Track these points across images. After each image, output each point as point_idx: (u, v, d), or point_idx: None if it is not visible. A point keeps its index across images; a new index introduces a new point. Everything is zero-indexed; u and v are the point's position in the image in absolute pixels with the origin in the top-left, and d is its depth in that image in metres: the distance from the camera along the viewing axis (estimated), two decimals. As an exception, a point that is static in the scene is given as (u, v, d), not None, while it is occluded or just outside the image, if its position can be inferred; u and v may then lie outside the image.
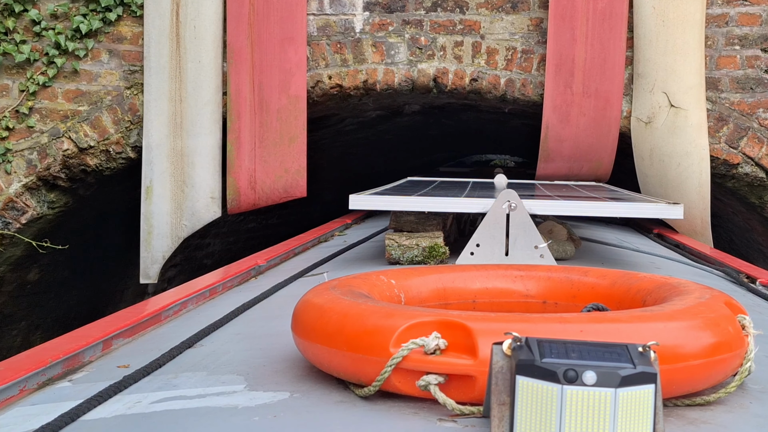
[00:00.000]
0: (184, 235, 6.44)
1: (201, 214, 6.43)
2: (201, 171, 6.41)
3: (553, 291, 2.58)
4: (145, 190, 6.45)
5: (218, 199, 6.45)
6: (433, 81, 6.54)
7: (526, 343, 1.51)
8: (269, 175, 6.43)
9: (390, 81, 6.55)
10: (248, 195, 6.46)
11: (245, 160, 6.43)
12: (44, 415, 1.88)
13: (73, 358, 2.41)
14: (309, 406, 1.89)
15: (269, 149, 6.42)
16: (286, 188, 6.47)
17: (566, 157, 6.53)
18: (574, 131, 6.38)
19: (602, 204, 4.26)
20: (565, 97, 6.32)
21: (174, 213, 6.41)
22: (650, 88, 6.25)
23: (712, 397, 1.92)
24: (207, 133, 6.40)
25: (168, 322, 3.07)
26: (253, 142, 6.41)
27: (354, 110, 7.54)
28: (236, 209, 6.53)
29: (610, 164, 6.61)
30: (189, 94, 6.40)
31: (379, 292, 2.32)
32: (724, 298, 2.10)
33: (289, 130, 6.42)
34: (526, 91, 6.48)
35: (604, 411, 1.41)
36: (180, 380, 2.15)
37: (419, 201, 4.20)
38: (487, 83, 6.49)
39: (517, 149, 13.94)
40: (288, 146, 6.43)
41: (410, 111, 8.11)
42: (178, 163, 6.40)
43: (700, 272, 4.34)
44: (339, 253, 4.82)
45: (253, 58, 6.41)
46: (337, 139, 9.00)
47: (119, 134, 6.60)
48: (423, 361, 1.79)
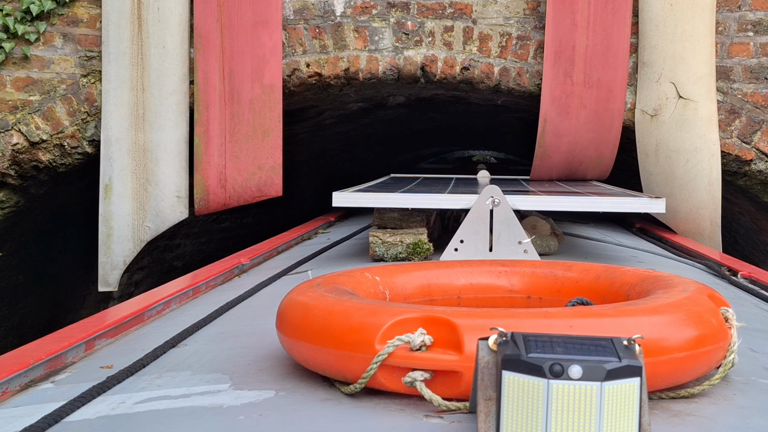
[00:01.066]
0: (148, 238, 5.95)
1: (166, 214, 5.92)
2: (166, 167, 5.91)
3: (538, 286, 2.58)
4: (104, 188, 5.94)
5: (185, 198, 5.98)
6: (420, 70, 6.08)
7: (511, 338, 1.51)
8: (241, 172, 5.94)
9: (374, 69, 6.08)
10: (218, 194, 5.98)
11: (214, 156, 5.94)
12: (27, 416, 1.86)
13: (56, 359, 2.39)
14: (295, 404, 1.88)
15: (241, 144, 5.93)
16: (259, 187, 5.98)
17: (564, 153, 6.07)
18: (574, 125, 5.93)
19: (585, 199, 4.28)
20: (565, 88, 5.87)
21: (136, 214, 5.92)
22: (657, 78, 5.83)
23: (697, 389, 1.93)
24: (172, 125, 5.90)
25: (151, 322, 3.05)
26: (223, 136, 5.92)
27: (334, 102, 7.04)
28: (205, 210, 6.05)
29: (611, 161, 6.20)
30: (152, 83, 5.89)
31: (363, 289, 2.32)
32: (707, 291, 2.11)
33: (262, 123, 5.92)
34: (522, 81, 6.03)
35: (590, 405, 1.41)
36: (164, 380, 2.14)
37: (403, 198, 4.21)
38: (480, 72, 6.03)
39: (507, 145, 13.50)
40: (262, 140, 5.93)
41: (394, 103, 7.58)
42: (141, 158, 5.90)
43: (682, 266, 4.37)
44: (323, 251, 4.81)
45: (223, 43, 5.92)
46: (316, 133, 8.45)
47: (75, 127, 6.07)
48: (409, 357, 1.79)
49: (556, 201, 4.24)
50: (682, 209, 5.86)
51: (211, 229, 8.62)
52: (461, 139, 13.03)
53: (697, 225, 5.88)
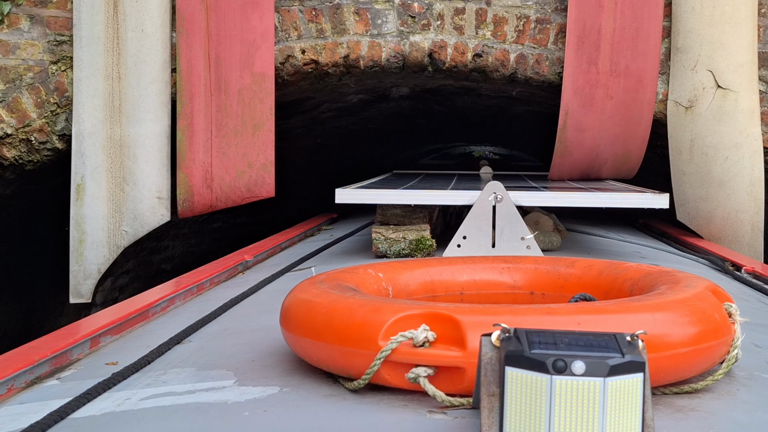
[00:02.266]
0: (125, 243, 5.37)
1: (145, 217, 5.36)
2: (145, 165, 5.35)
3: (540, 282, 2.59)
4: (76, 188, 5.36)
5: (166, 199, 5.43)
6: (428, 57, 5.49)
7: (514, 334, 1.52)
8: (229, 170, 5.42)
9: (376, 56, 5.50)
10: (203, 195, 5.43)
11: (199, 153, 5.40)
12: (33, 413, 1.87)
13: (61, 356, 2.40)
14: (299, 400, 1.89)
15: (229, 139, 5.40)
16: (249, 186, 5.43)
17: (587, 150, 5.51)
18: (598, 118, 5.38)
19: (588, 195, 4.28)
20: (589, 77, 5.31)
21: (112, 217, 5.34)
22: (692, 66, 5.27)
23: (700, 384, 1.94)
24: (152, 118, 5.36)
25: (155, 319, 3.06)
26: (209, 130, 5.39)
27: (332, 93, 6.43)
28: (189, 212, 5.49)
29: (639, 158, 5.62)
30: (129, 71, 5.33)
31: (366, 285, 2.33)
32: (710, 286, 2.12)
33: (253, 116, 5.39)
34: (541, 70, 5.45)
35: (593, 400, 1.42)
36: (169, 376, 2.15)
37: (405, 194, 4.21)
38: (494, 60, 5.44)
39: (516, 141, 12.84)
40: (252, 135, 5.39)
41: (398, 95, 6.97)
42: (117, 155, 5.34)
43: (685, 261, 4.37)
44: (326, 248, 4.82)
45: (209, 26, 5.35)
46: (313, 128, 7.86)
47: (43, 120, 5.46)
48: (412, 353, 1.79)
49: (558, 197, 4.25)
50: (718, 213, 5.32)
51: (203, 230, 8.04)
52: (466, 134, 12.34)
53: (735, 230, 5.28)
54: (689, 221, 5.40)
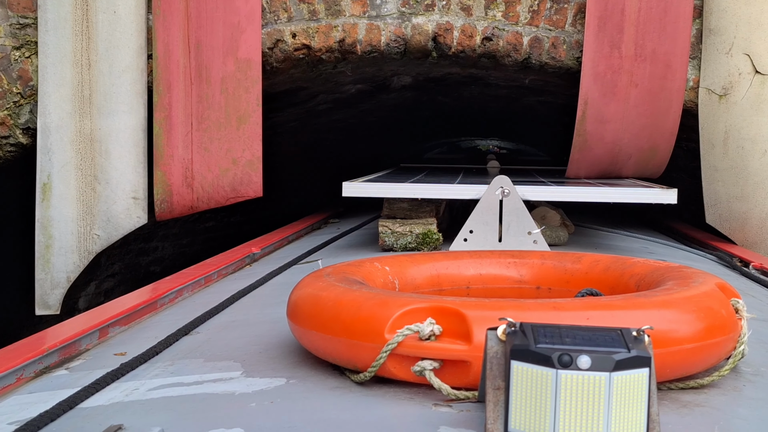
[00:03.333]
0: (97, 249, 4.87)
1: (119, 220, 4.85)
2: (118, 162, 4.85)
3: (547, 276, 2.59)
4: (42, 188, 4.84)
5: (143, 200, 4.92)
6: (432, 41, 4.98)
7: (520, 328, 1.52)
8: (212, 167, 4.91)
9: (374, 41, 4.97)
10: (183, 195, 4.94)
11: (179, 148, 4.90)
12: (42, 403, 1.89)
13: (70, 346, 2.41)
14: (305, 392, 1.90)
15: (211, 133, 4.90)
16: (234, 185, 4.92)
17: (609, 144, 4.98)
18: (621, 108, 4.87)
19: (596, 189, 4.28)
20: (611, 62, 4.81)
21: (82, 219, 4.84)
22: (727, 49, 4.76)
23: (706, 380, 1.94)
24: (126, 110, 4.85)
25: (164, 310, 3.08)
26: (188, 123, 4.90)
27: (327, 82, 5.85)
28: (167, 214, 5.00)
29: (666, 154, 5.08)
30: (101, 57, 4.82)
31: (373, 279, 2.33)
32: (717, 282, 2.12)
33: (238, 107, 4.88)
34: (558, 54, 4.93)
35: (599, 395, 1.42)
36: (177, 367, 2.16)
37: (412, 188, 4.22)
38: (505, 43, 4.92)
39: (525, 135, 11.96)
40: (237, 128, 4.89)
41: (399, 85, 6.38)
42: (87, 151, 4.84)
43: (693, 257, 4.37)
44: (332, 241, 4.84)
45: (188, 7, 4.86)
46: (309, 121, 7.24)
47: (5, 112, 4.97)
48: (418, 346, 1.80)
49: (566, 191, 4.24)
50: (754, 214, 4.83)
51: (194, 229, 7.52)
52: (473, 128, 11.73)
53: None
54: (720, 224, 4.90)
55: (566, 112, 5.50)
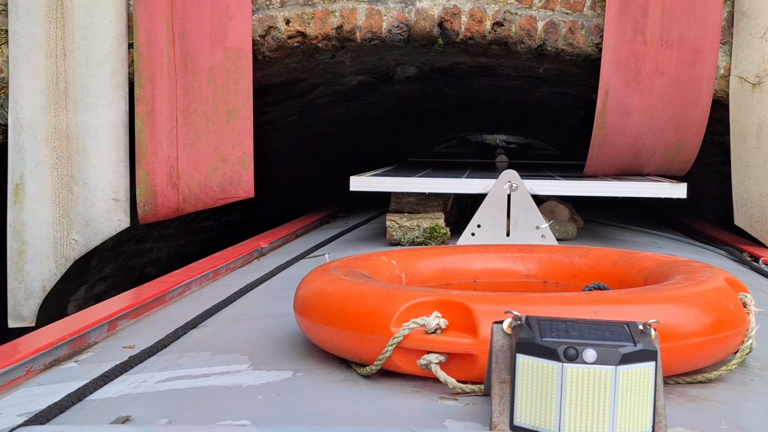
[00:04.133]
0: (75, 255, 4.44)
1: (99, 224, 4.41)
2: (97, 161, 4.42)
3: (554, 271, 2.59)
4: (14, 189, 4.42)
5: (125, 201, 4.49)
6: (438, 27, 4.55)
7: (526, 321, 1.53)
8: (199, 166, 4.50)
9: (375, 27, 4.55)
10: (168, 196, 4.52)
11: (162, 145, 4.49)
12: (51, 395, 1.90)
13: (79, 339, 2.43)
14: (312, 384, 1.91)
15: (198, 128, 4.48)
16: (223, 185, 4.50)
17: (632, 138, 4.58)
18: (645, 98, 4.45)
19: (604, 184, 4.26)
20: (635, 48, 4.40)
21: (58, 223, 4.40)
22: (761, 33, 4.38)
23: (714, 374, 1.94)
24: (105, 104, 4.42)
25: (172, 303, 3.09)
26: (173, 118, 4.48)
27: (326, 73, 5.40)
28: (151, 217, 4.58)
29: (694, 149, 4.65)
30: (77, 47, 4.40)
31: (380, 272, 2.34)
32: (725, 276, 2.11)
33: (227, 99, 4.47)
34: (576, 40, 4.52)
35: (605, 388, 1.42)
36: (185, 360, 2.17)
37: (420, 182, 4.22)
38: (518, 29, 4.51)
39: (536, 129, 11.42)
40: (226, 123, 4.48)
41: (403, 76, 5.89)
42: (63, 149, 4.40)
43: (702, 251, 4.35)
44: (340, 235, 4.85)
45: None
46: (309, 115, 6.76)
47: None
48: (424, 340, 1.81)
49: (574, 186, 4.23)
50: None
51: (191, 229, 7.07)
52: (481, 121, 11.18)
53: None
54: (751, 226, 4.52)
55: (582, 104, 5.25)
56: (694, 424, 1.66)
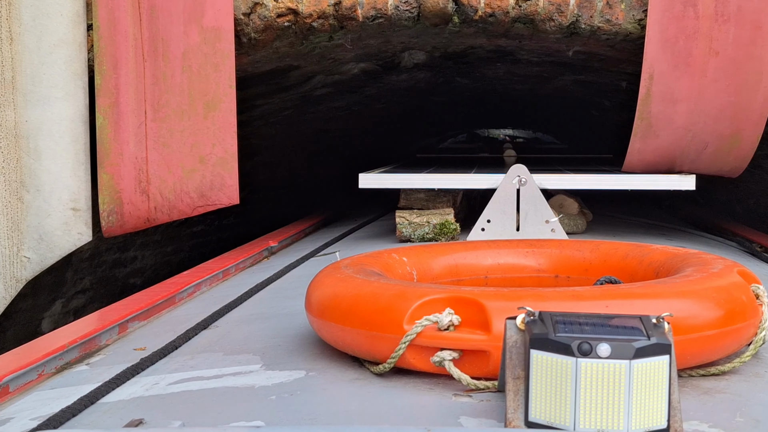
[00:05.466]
0: (28, 275, 3.85)
1: (56, 238, 3.81)
2: (52, 163, 3.81)
3: (565, 265, 2.58)
4: None
5: (86, 211, 3.90)
6: (453, 2, 4.01)
7: (539, 317, 1.52)
8: (173, 168, 3.92)
9: (380, 3, 4.00)
10: (137, 204, 3.92)
11: (129, 144, 3.90)
12: (63, 398, 1.90)
13: (90, 341, 2.43)
14: (325, 384, 1.90)
15: (171, 123, 3.90)
16: (202, 191, 3.92)
17: (680, 130, 4.00)
18: (696, 83, 3.89)
19: (614, 177, 4.25)
20: (685, 24, 3.83)
21: (7, 238, 3.80)
22: None
23: (727, 366, 1.93)
24: (61, 96, 3.81)
25: (182, 304, 3.09)
26: (141, 112, 3.90)
27: (324, 60, 4.76)
28: (118, 229, 3.99)
29: (753, 141, 4.02)
30: (26, 29, 3.76)
31: (391, 270, 2.33)
32: (737, 268, 2.10)
33: (205, 89, 3.89)
34: (614, 16, 3.99)
35: (619, 382, 1.42)
36: (196, 361, 2.17)
37: (429, 178, 4.22)
38: (547, 4, 3.97)
39: (551, 123, 10.49)
40: (204, 117, 3.89)
41: (411, 63, 5.26)
42: (11, 149, 3.79)
43: (713, 243, 4.33)
44: (349, 233, 4.84)
45: None
46: (306, 109, 6.05)
47: None
48: (437, 337, 1.80)
49: (583, 179, 4.22)
50: None
51: (180, 235, 6.44)
52: (493, 115, 10.14)
53: None
54: None
55: (608, 93, 4.80)
56: (709, 417, 1.65)
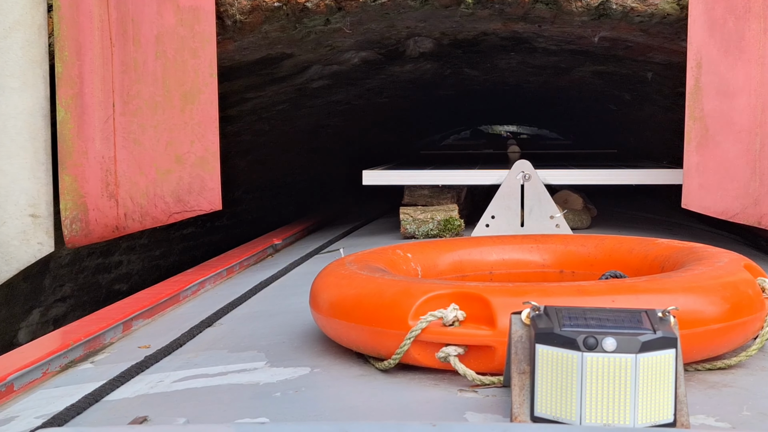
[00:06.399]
0: None
1: (12, 248, 3.43)
2: (7, 164, 3.44)
3: (570, 260, 2.58)
4: None
5: (47, 217, 3.50)
6: None
7: (544, 311, 1.51)
8: (146, 169, 3.46)
9: None
10: (104, 210, 3.46)
11: (95, 141, 3.47)
12: (68, 396, 1.90)
13: (94, 340, 2.43)
14: (330, 380, 1.90)
15: (143, 117, 3.45)
16: (179, 195, 3.47)
17: (743, 133, 3.32)
18: (756, 71, 3.32)
19: (617, 171, 4.24)
20: (732, 2, 3.36)
21: None
22: None
23: (733, 360, 1.92)
24: (17, 86, 3.44)
25: (186, 302, 3.09)
26: (109, 104, 3.44)
27: (320, 47, 4.29)
28: (83, 239, 3.53)
29: None
30: None
31: (395, 266, 2.33)
32: (743, 261, 2.09)
33: (181, 78, 3.45)
34: None
35: (625, 377, 1.41)
36: (201, 359, 2.17)
37: (433, 174, 4.21)
38: None
39: (555, 119, 9.96)
40: (181, 111, 3.45)
41: (416, 52, 4.76)
42: None
43: (718, 237, 4.32)
44: (353, 230, 4.84)
45: None
46: (302, 102, 5.57)
47: None
48: (442, 332, 1.79)
49: (588, 174, 4.21)
50: None
51: (169, 238, 6.02)
52: (501, 111, 9.53)
53: None
54: None
55: (630, 85, 4.37)
56: (716, 411, 1.65)
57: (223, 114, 4.26)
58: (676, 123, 5.14)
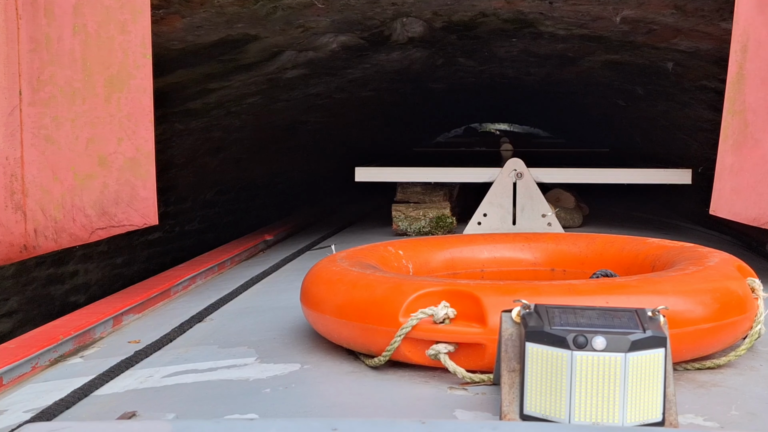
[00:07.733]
0: None
1: None
2: None
3: (561, 258, 2.58)
4: None
5: None
6: None
7: (535, 309, 1.52)
8: (61, 173, 2.77)
9: None
10: (7, 224, 2.72)
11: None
12: (57, 391, 1.89)
13: (84, 334, 2.42)
14: (320, 377, 1.90)
15: (58, 107, 2.76)
16: (104, 206, 2.79)
17: None
18: None
19: (610, 170, 4.25)
20: None
21: None
22: None
23: (723, 360, 1.93)
24: None
25: (177, 298, 3.08)
26: (14, 91, 2.72)
27: (290, 28, 3.72)
28: None
29: None
30: None
31: (387, 263, 2.33)
32: (733, 262, 2.10)
33: (107, 59, 2.77)
34: None
35: (615, 375, 1.41)
36: (191, 354, 2.16)
37: (425, 172, 4.22)
38: None
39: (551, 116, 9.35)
40: (106, 100, 2.77)
41: (405, 37, 4.17)
42: None
43: (709, 236, 4.33)
44: (345, 226, 4.84)
45: None
46: (275, 96, 4.98)
47: None
48: (432, 330, 1.80)
49: (580, 173, 4.22)
50: None
51: (132, 245, 5.50)
52: (497, 107, 8.86)
53: None
54: None
55: (645, 77, 3.93)
56: (705, 411, 1.65)
57: (183, 107, 3.76)
58: (692, 120, 4.70)
